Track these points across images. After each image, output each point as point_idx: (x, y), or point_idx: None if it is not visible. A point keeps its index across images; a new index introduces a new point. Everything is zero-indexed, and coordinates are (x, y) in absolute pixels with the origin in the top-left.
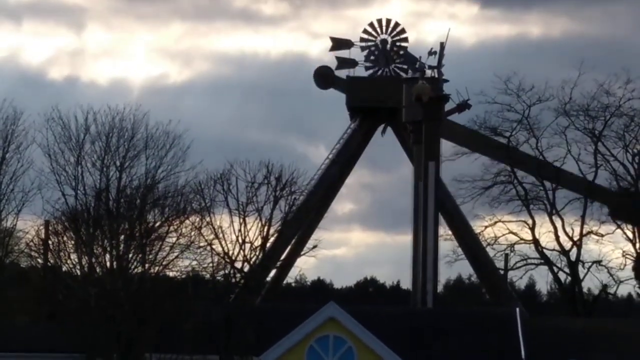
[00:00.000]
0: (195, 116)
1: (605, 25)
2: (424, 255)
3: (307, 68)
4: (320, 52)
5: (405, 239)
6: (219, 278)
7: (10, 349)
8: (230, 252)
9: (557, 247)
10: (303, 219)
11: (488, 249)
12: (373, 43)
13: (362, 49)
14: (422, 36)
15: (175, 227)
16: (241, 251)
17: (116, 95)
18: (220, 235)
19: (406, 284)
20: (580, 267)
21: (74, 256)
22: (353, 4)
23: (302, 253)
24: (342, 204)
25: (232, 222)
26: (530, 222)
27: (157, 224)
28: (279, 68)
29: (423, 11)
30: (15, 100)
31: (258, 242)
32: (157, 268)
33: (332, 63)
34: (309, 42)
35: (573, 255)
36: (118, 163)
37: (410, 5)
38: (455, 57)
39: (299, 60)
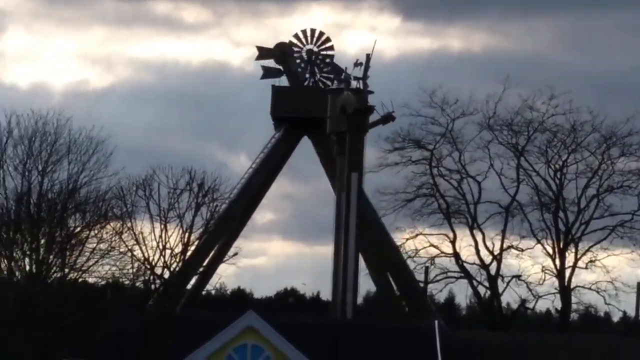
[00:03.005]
0: (117, 122)
1: (526, 41)
2: (344, 267)
3: (228, 76)
4: (242, 60)
5: (325, 250)
6: (138, 284)
7: None
8: (151, 258)
9: (478, 261)
10: (225, 227)
11: (409, 261)
12: (299, 53)
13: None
14: (342, 47)
15: (96, 232)
16: (161, 257)
17: (37, 99)
18: (141, 241)
19: (326, 295)
20: (499, 282)
21: None
22: (275, 13)
23: (223, 260)
24: (262, 214)
25: (153, 228)
26: (451, 235)
27: (78, 229)
28: (201, 75)
29: (344, 22)
30: None
31: (179, 249)
32: (76, 273)
33: (258, 72)
34: (231, 50)
35: (493, 269)
36: (40, 167)
37: (331, 16)
38: (377, 69)
39: (220, 68)
